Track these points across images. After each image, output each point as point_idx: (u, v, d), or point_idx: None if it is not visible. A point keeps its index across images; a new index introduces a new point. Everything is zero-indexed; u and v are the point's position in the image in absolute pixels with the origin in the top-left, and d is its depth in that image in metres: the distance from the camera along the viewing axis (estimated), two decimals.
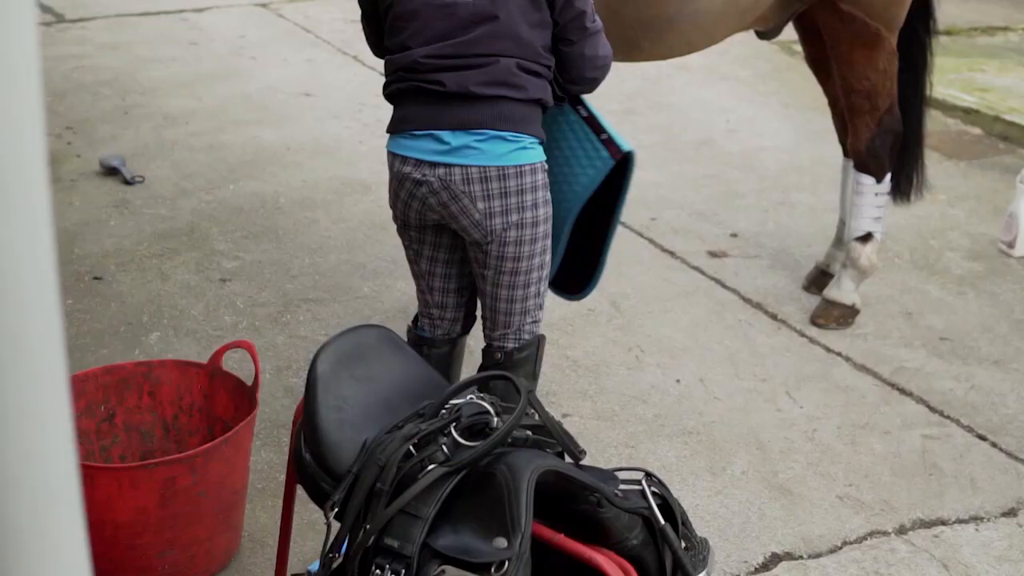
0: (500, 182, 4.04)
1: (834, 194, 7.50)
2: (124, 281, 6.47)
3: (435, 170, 4.04)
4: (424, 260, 4.38)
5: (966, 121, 9.84)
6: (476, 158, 4.02)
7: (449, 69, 4.00)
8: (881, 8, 5.79)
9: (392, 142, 4.19)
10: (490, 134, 4.02)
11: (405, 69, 4.09)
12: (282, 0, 13.01)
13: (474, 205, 4.06)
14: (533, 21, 4.04)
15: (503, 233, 4.11)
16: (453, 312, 4.50)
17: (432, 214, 4.16)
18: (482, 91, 4.00)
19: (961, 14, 13.19)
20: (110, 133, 8.72)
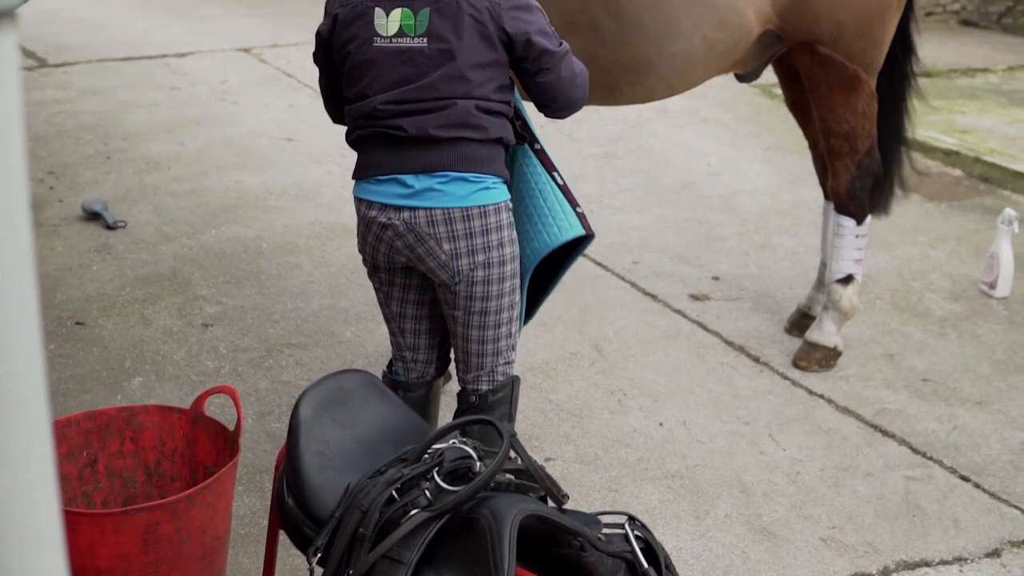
0: (465, 223, 4.08)
1: (815, 236, 7.53)
2: (106, 326, 6.46)
3: (400, 213, 4.09)
4: (395, 302, 4.41)
5: (947, 163, 9.89)
6: (439, 200, 4.06)
7: (408, 114, 4.05)
8: (860, 51, 5.82)
9: (358, 187, 4.23)
10: (452, 176, 4.06)
11: (366, 116, 4.13)
12: (264, 45, 13.05)
13: (440, 247, 4.09)
14: (488, 61, 4.07)
15: (470, 273, 4.14)
16: (426, 354, 4.52)
17: (400, 257, 4.19)
18: (442, 134, 4.04)
19: (941, 56, 13.28)
20: (92, 178, 8.72)
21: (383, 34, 4.08)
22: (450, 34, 4.02)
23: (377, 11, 4.09)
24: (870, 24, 5.79)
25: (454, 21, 4.02)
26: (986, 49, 14.47)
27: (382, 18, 4.08)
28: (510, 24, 4.05)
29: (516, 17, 4.06)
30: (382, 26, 4.08)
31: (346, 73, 4.21)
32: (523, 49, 4.09)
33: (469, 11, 4.02)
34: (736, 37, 5.62)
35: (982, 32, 15.84)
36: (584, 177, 8.99)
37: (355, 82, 4.17)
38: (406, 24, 4.05)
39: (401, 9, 4.06)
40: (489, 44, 4.05)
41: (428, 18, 4.04)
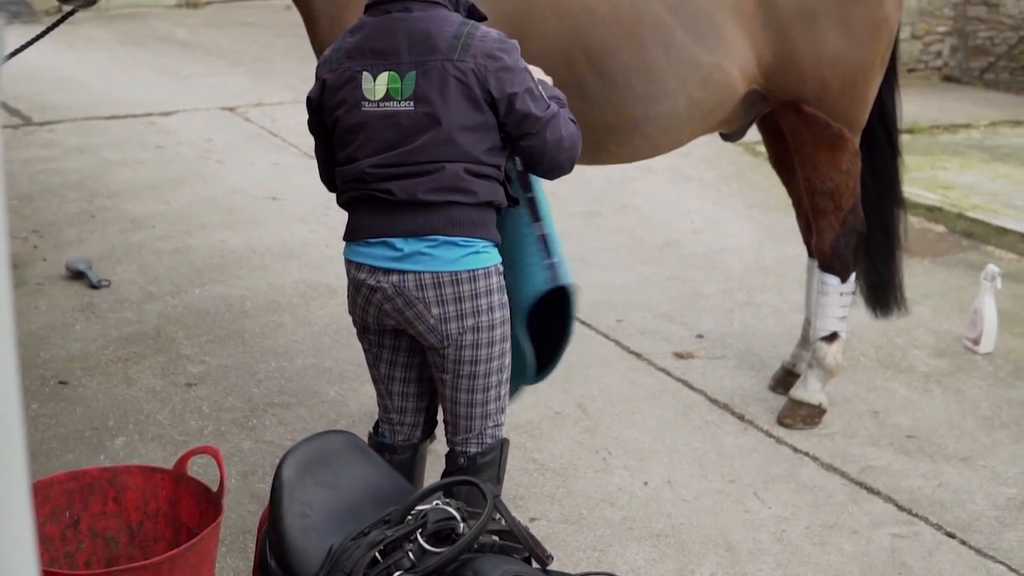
0: (454, 287, 4.09)
1: (799, 294, 7.54)
2: (90, 386, 6.44)
3: (389, 276, 4.10)
4: (383, 364, 4.41)
5: (929, 219, 9.94)
6: (428, 264, 4.07)
7: (396, 178, 4.07)
8: (844, 109, 5.86)
9: (348, 249, 4.25)
10: (441, 240, 4.07)
11: (355, 179, 4.14)
12: (249, 104, 13.08)
13: (428, 311, 4.10)
14: (475, 124, 4.08)
15: (459, 337, 4.14)
16: (413, 417, 4.52)
17: (389, 320, 4.20)
18: (431, 198, 4.05)
19: (923, 112, 13.36)
20: (76, 236, 8.71)
21: (371, 98, 4.10)
22: (436, 97, 4.04)
23: (364, 75, 4.11)
24: (854, 83, 5.82)
25: (440, 84, 4.04)
26: (968, 105, 14.56)
27: (369, 82, 4.10)
28: (495, 86, 4.06)
29: (501, 79, 4.07)
30: (369, 90, 4.10)
31: (336, 137, 4.23)
32: (505, 112, 4.10)
33: (455, 74, 4.04)
34: (722, 96, 5.65)
35: (964, 88, 15.94)
36: (568, 235, 9.00)
37: (344, 146, 4.19)
38: (393, 88, 4.07)
39: (388, 73, 4.08)
40: (476, 106, 4.06)
41: (414, 82, 4.05)
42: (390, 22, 4.13)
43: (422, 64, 4.05)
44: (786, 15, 5.66)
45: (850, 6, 5.73)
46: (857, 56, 5.79)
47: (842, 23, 5.73)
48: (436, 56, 4.05)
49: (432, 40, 4.06)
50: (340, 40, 4.26)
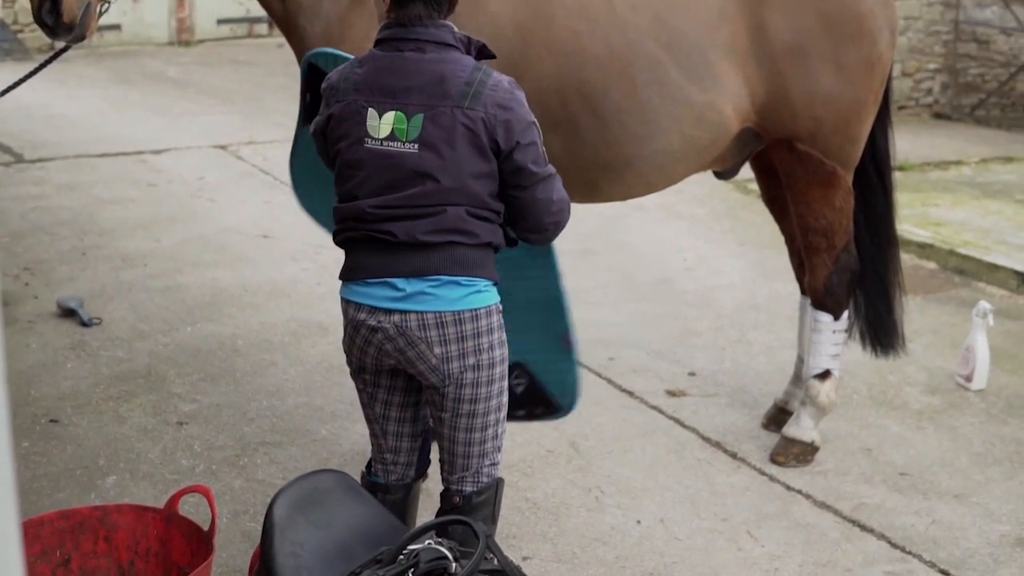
0: (456, 327, 4.09)
1: (791, 331, 7.54)
2: (80, 424, 6.42)
3: (390, 317, 4.10)
4: (379, 404, 4.39)
5: (921, 256, 9.95)
6: (431, 304, 4.07)
7: (398, 219, 4.07)
8: (837, 147, 5.87)
9: (345, 289, 4.24)
10: (444, 279, 4.07)
11: (354, 218, 4.13)
12: (240, 142, 13.09)
13: (431, 350, 4.10)
14: (480, 172, 4.09)
15: (460, 376, 4.14)
16: (407, 456, 4.50)
17: (388, 360, 4.19)
18: (433, 239, 4.06)
19: (914, 149, 13.39)
20: (68, 274, 8.70)
21: (374, 136, 4.09)
22: (443, 144, 4.04)
23: (370, 111, 4.10)
24: (847, 121, 5.85)
25: (448, 131, 4.04)
26: (959, 142, 14.61)
27: (375, 119, 4.09)
28: (502, 135, 4.07)
29: (509, 129, 4.08)
30: (374, 127, 4.09)
31: (336, 170, 4.23)
32: (505, 160, 4.10)
33: (464, 121, 4.04)
34: (715, 134, 5.67)
35: (955, 125, 15.99)
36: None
37: (344, 181, 4.19)
38: (398, 128, 4.07)
39: (395, 112, 4.07)
40: (482, 155, 4.07)
41: (421, 125, 4.05)
42: (402, 61, 4.12)
43: (431, 108, 4.05)
44: (779, 53, 5.68)
45: (843, 44, 5.76)
46: (850, 94, 5.81)
47: (835, 61, 5.75)
48: (447, 102, 4.05)
49: (444, 85, 4.06)
50: (347, 69, 4.24)
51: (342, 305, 4.27)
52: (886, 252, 6.48)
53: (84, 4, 5.08)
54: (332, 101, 4.22)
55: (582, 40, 5.46)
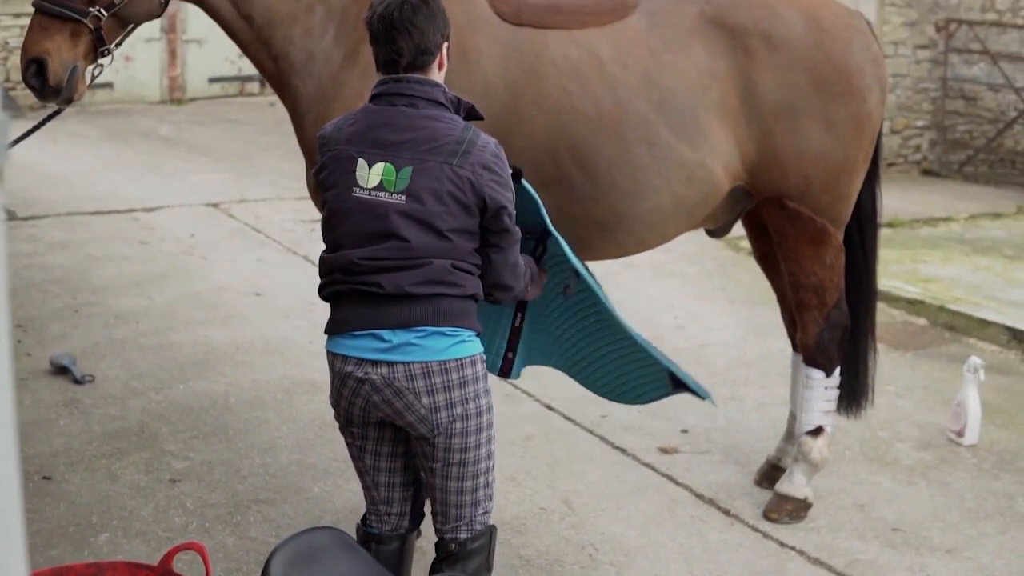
0: (443, 376, 4.16)
1: (782, 388, 7.55)
2: (73, 481, 6.41)
3: (377, 368, 4.16)
4: (368, 456, 4.43)
5: (911, 312, 9.98)
6: (418, 354, 4.14)
7: (385, 270, 4.15)
8: (827, 204, 5.91)
9: (332, 342, 4.29)
10: (430, 330, 4.14)
11: (342, 270, 4.21)
12: (232, 201, 13.13)
13: (419, 401, 4.16)
14: (464, 227, 4.19)
15: (449, 426, 4.20)
16: (400, 507, 4.53)
17: (376, 411, 4.24)
18: (419, 291, 4.13)
19: (903, 206, 13.45)
20: (60, 332, 8.71)
21: (363, 185, 4.19)
22: (430, 197, 4.13)
23: (360, 162, 4.20)
24: (837, 179, 5.88)
25: (435, 184, 4.14)
26: (948, 198, 14.68)
27: (364, 169, 4.19)
28: (489, 195, 4.18)
29: (495, 191, 4.20)
30: (363, 177, 4.19)
31: (324, 218, 4.32)
32: (490, 219, 4.21)
33: (451, 177, 4.14)
34: (706, 193, 5.70)
35: (943, 181, 16.07)
36: None
37: (331, 228, 4.31)
38: (387, 179, 4.16)
39: (384, 164, 4.17)
40: (466, 211, 4.17)
41: (410, 177, 4.15)
42: (395, 114, 4.23)
43: (421, 162, 4.15)
44: (768, 112, 5.72)
45: (832, 103, 5.80)
46: (840, 152, 5.85)
47: (825, 120, 5.79)
48: (436, 157, 4.15)
49: (435, 141, 4.17)
50: (341, 121, 4.35)
51: (328, 358, 4.31)
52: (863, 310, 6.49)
53: (69, 68, 5.13)
54: (325, 151, 4.32)
55: (573, 99, 5.50)
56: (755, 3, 5.81)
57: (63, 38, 5.14)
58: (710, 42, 5.72)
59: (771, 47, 5.73)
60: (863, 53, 5.93)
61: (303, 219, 12.14)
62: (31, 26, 5.16)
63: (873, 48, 6.02)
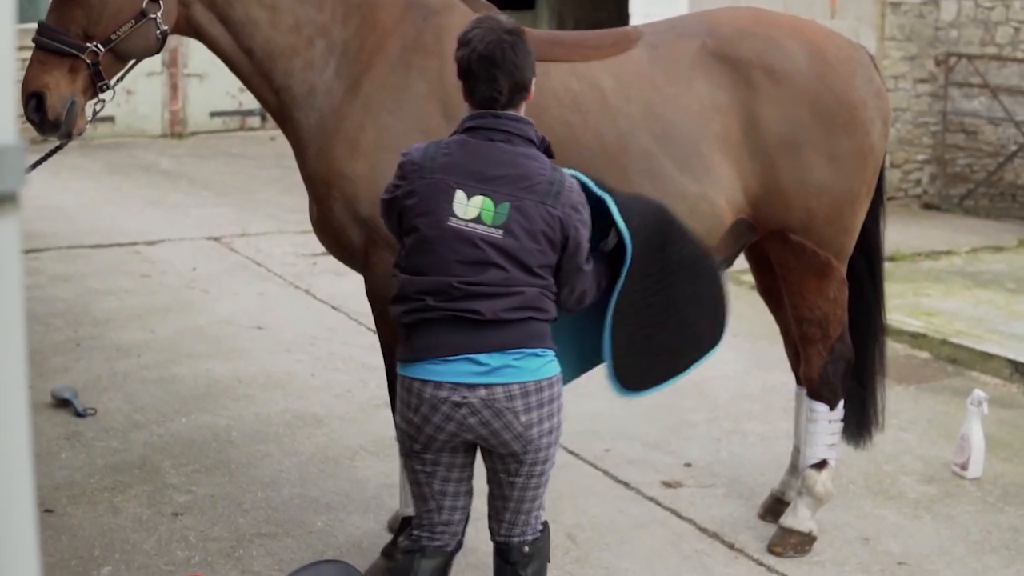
0: (537, 395, 4.41)
1: (785, 422, 7.54)
2: (75, 514, 6.39)
3: (475, 391, 4.35)
4: (437, 481, 4.59)
5: (913, 345, 9.96)
6: (515, 376, 4.37)
7: (483, 296, 4.35)
8: (830, 237, 5.90)
9: (419, 369, 4.42)
10: (526, 352, 4.38)
11: (434, 294, 4.38)
12: (234, 234, 13.15)
13: (517, 419, 4.38)
14: (551, 263, 4.45)
15: (539, 441, 4.44)
16: (456, 527, 4.70)
17: (468, 434, 4.42)
18: (514, 316, 4.37)
19: (905, 240, 13.45)
20: (62, 364, 8.71)
21: (460, 215, 4.37)
22: (524, 234, 4.36)
23: (459, 192, 4.38)
24: (840, 212, 5.88)
25: (530, 223, 4.36)
26: (949, 232, 14.68)
27: (462, 200, 4.37)
28: (573, 236, 4.45)
29: (579, 231, 4.47)
30: (461, 207, 4.37)
31: (411, 243, 4.47)
32: (569, 256, 4.49)
33: (545, 217, 4.37)
34: (709, 226, 5.69)
35: (944, 215, 16.08)
36: None
37: (420, 254, 4.43)
38: (485, 213, 4.36)
39: (483, 197, 4.36)
40: (554, 248, 4.43)
41: (507, 213, 4.36)
42: (492, 150, 4.43)
43: (517, 199, 4.36)
44: (771, 145, 5.73)
45: (836, 136, 5.80)
46: (843, 185, 5.85)
47: (828, 153, 5.79)
48: (532, 196, 4.37)
49: (529, 180, 4.39)
50: (431, 149, 4.50)
51: (411, 385, 4.45)
52: (873, 343, 6.49)
53: (68, 102, 5.16)
54: (415, 177, 4.45)
55: (575, 131, 5.51)
56: (758, 36, 5.82)
57: (61, 73, 5.17)
58: (713, 75, 5.73)
59: (774, 80, 5.74)
60: (866, 86, 5.94)
61: (304, 253, 12.15)
62: (30, 61, 5.19)
63: (876, 81, 6.03)
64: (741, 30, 5.85)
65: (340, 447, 7.38)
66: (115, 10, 5.22)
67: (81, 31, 5.19)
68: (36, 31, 5.20)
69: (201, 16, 5.47)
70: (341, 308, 10.23)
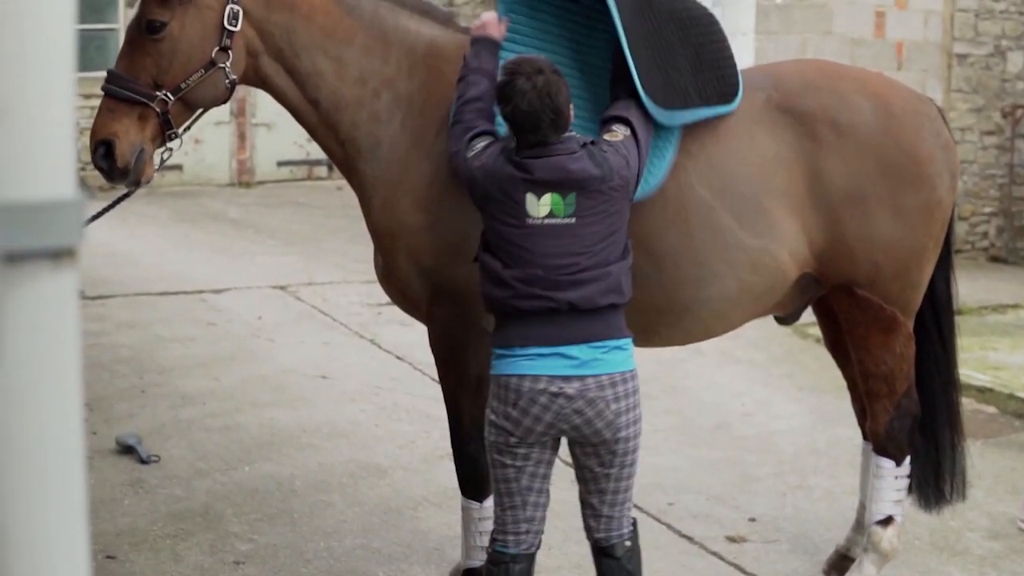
0: (623, 385, 4.76)
1: (851, 477, 7.47)
2: (137, 561, 6.41)
3: (570, 383, 4.68)
4: (525, 476, 4.86)
5: (980, 400, 9.86)
6: (604, 367, 4.72)
7: (574, 285, 4.73)
8: (897, 292, 5.86)
9: (513, 364, 4.75)
10: (611, 345, 4.75)
11: (528, 282, 4.73)
12: (300, 283, 13.20)
13: (608, 407, 4.70)
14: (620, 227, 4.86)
15: (627, 429, 4.77)
16: (538, 525, 4.97)
17: (563, 424, 4.72)
18: (600, 302, 4.74)
19: (971, 293, 13.32)
20: (127, 411, 8.76)
21: (534, 215, 4.74)
22: (596, 214, 4.76)
23: (529, 196, 4.74)
24: (907, 267, 5.83)
25: (599, 202, 4.76)
26: (1016, 285, 14.54)
27: (533, 201, 4.74)
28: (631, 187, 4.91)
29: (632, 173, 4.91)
30: (533, 207, 4.74)
31: (495, 245, 4.83)
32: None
33: (610, 192, 4.78)
34: (772, 280, 5.66)
35: (1011, 268, 15.94)
36: None
37: (503, 252, 4.80)
38: (556, 206, 4.74)
39: (551, 195, 4.73)
40: (624, 209, 4.87)
41: (575, 201, 4.73)
42: (554, 160, 4.75)
43: (583, 188, 4.73)
44: (837, 200, 5.69)
45: (902, 190, 5.76)
46: (910, 240, 5.80)
47: (894, 207, 5.75)
48: (593, 182, 4.74)
49: (587, 171, 4.74)
50: (503, 161, 4.82)
51: (507, 382, 4.76)
52: (942, 399, 6.42)
53: (137, 150, 5.22)
54: (488, 183, 4.83)
55: None
56: (824, 89, 5.80)
57: (131, 121, 5.23)
58: (777, 128, 5.71)
59: (839, 133, 5.71)
60: (933, 139, 5.90)
61: (369, 302, 12.18)
62: (100, 109, 5.26)
63: (943, 134, 5.98)
64: (807, 83, 5.83)
65: (403, 498, 7.37)
66: (185, 59, 5.28)
67: (151, 79, 5.25)
68: (105, 79, 5.26)
69: (268, 67, 5.52)
70: (405, 358, 10.25)
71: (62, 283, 1.12)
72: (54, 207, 1.14)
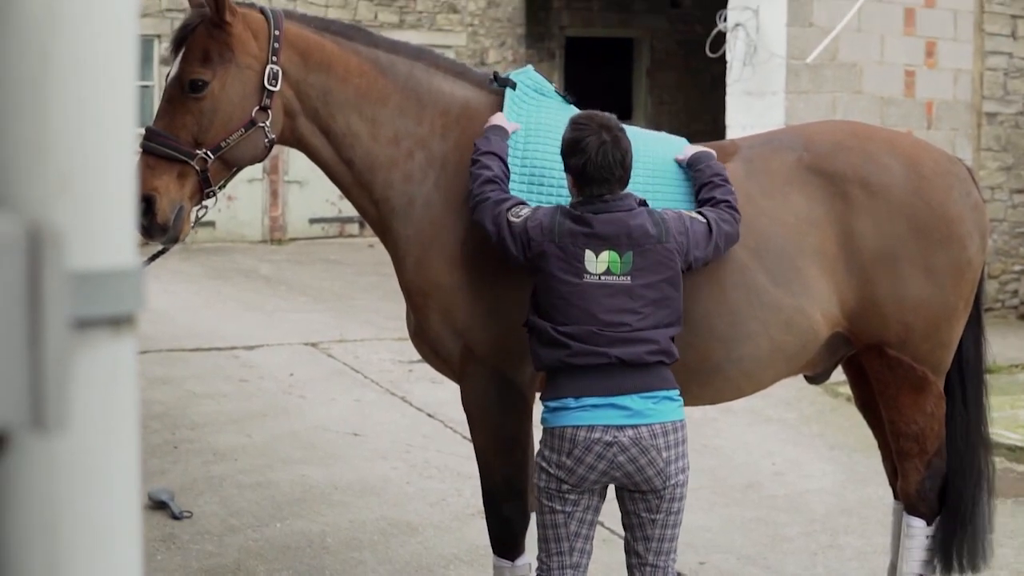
0: (674, 434, 4.91)
1: (882, 537, 7.45)
2: None
3: (624, 432, 4.81)
4: (574, 522, 4.97)
5: (1011, 458, 9.82)
6: (655, 416, 4.87)
7: (624, 342, 4.86)
8: (927, 352, 5.86)
9: (567, 416, 4.87)
10: (661, 395, 4.91)
11: (582, 340, 4.84)
12: (331, 340, 13.24)
13: (660, 455, 4.83)
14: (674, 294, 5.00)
15: (676, 477, 4.91)
16: (582, 572, 5.07)
17: (616, 472, 4.84)
18: (651, 359, 4.88)
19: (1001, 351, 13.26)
20: (159, 467, 8.79)
21: (592, 271, 4.88)
22: (650, 275, 4.90)
23: (588, 253, 4.88)
24: (937, 327, 5.84)
25: (653, 263, 4.91)
26: None
27: (592, 258, 4.89)
28: (693, 257, 5.08)
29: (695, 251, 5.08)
30: (591, 264, 4.88)
31: (550, 300, 4.94)
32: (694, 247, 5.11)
33: (664, 254, 4.94)
34: (804, 340, 5.68)
35: None
36: None
37: (558, 310, 4.91)
38: (613, 264, 4.89)
39: (609, 252, 4.88)
40: (677, 279, 5.01)
41: (632, 260, 4.88)
42: (615, 215, 4.92)
43: (639, 247, 4.89)
44: (868, 260, 5.72)
45: (933, 250, 5.78)
46: (940, 300, 5.82)
47: (925, 267, 5.77)
48: (650, 241, 4.91)
49: (645, 228, 4.92)
50: (561, 216, 4.97)
51: (563, 432, 4.85)
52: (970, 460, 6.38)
53: (176, 207, 5.26)
54: (545, 240, 4.93)
55: None
56: (854, 150, 5.84)
57: (171, 178, 5.27)
58: (808, 189, 5.75)
59: (870, 194, 5.74)
60: (963, 200, 5.92)
61: (401, 360, 12.21)
62: (139, 165, 5.28)
63: (973, 195, 6.01)
64: (837, 144, 5.87)
65: (434, 556, 7.38)
66: (226, 119, 5.34)
67: (191, 138, 5.31)
68: (144, 136, 5.30)
69: (305, 127, 5.57)
70: (437, 415, 10.27)
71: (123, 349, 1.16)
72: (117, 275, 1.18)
